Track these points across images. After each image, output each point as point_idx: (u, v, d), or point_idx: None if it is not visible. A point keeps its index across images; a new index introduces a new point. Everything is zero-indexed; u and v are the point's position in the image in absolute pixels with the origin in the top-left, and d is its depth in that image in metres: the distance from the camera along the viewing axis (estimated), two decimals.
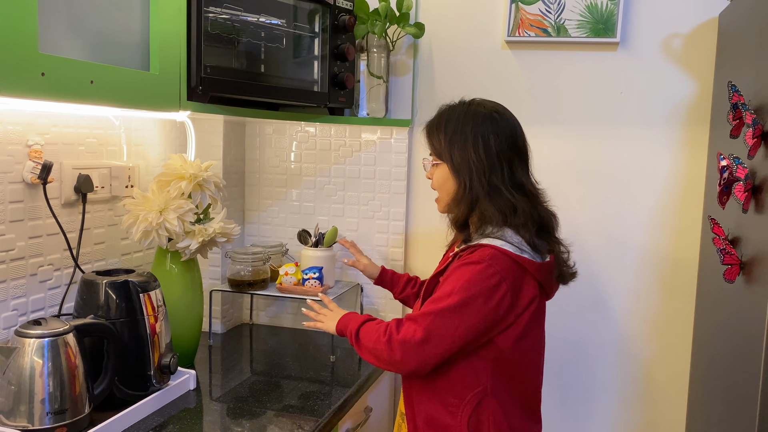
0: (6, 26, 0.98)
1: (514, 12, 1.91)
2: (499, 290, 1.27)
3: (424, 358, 1.29)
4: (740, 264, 1.30)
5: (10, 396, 1.23)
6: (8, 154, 1.38)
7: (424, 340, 1.27)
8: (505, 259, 1.28)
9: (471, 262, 1.29)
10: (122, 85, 1.24)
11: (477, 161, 1.33)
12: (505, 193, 1.32)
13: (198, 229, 1.61)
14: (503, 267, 1.28)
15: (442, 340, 1.27)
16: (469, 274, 1.27)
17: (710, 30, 1.80)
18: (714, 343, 1.59)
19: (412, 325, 1.30)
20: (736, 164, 1.27)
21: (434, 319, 1.27)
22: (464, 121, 1.37)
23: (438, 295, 1.30)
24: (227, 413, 1.50)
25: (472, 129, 1.35)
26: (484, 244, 1.31)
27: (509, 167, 1.34)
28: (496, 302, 1.27)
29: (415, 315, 1.32)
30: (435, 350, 1.28)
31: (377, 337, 1.34)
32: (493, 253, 1.28)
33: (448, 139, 1.37)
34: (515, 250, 1.30)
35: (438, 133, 1.39)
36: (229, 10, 1.50)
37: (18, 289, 1.43)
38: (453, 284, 1.29)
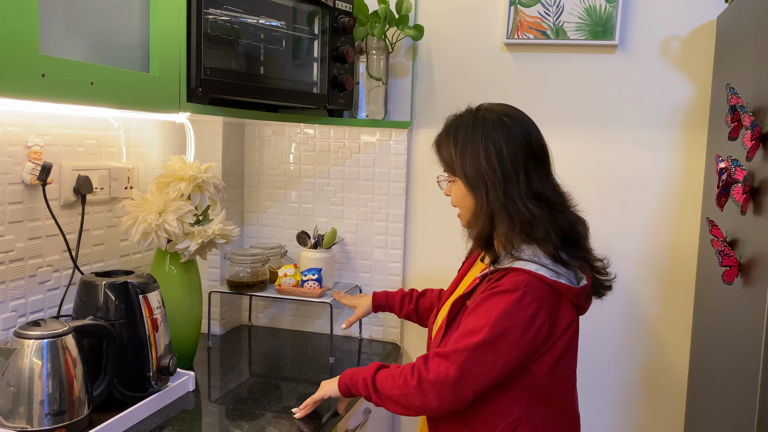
0: (7, 27, 0.98)
1: (513, 14, 1.91)
2: (537, 320, 1.18)
3: (461, 398, 1.19)
4: (738, 266, 1.30)
5: (9, 397, 1.23)
6: (8, 155, 1.38)
7: (459, 378, 1.17)
8: (541, 285, 1.20)
9: (504, 291, 1.19)
10: (122, 86, 1.24)
11: (490, 172, 1.24)
12: (519, 204, 1.23)
13: (197, 231, 1.61)
14: (539, 294, 1.19)
15: (479, 377, 1.18)
16: (504, 304, 1.18)
17: (708, 33, 1.81)
18: (712, 344, 1.60)
19: (443, 363, 1.19)
20: (735, 166, 1.27)
21: (469, 355, 1.17)
22: (473, 130, 1.28)
23: (470, 328, 1.20)
24: (226, 415, 1.50)
25: (483, 138, 1.26)
26: (516, 269, 1.22)
27: (525, 175, 1.25)
28: (534, 333, 1.18)
29: (445, 351, 1.20)
30: (471, 387, 1.19)
31: (403, 381, 1.22)
32: (529, 280, 1.19)
33: (459, 151, 1.28)
34: (551, 275, 1.21)
35: (448, 146, 1.31)
36: (229, 12, 1.50)
37: (17, 290, 1.43)
38: (486, 316, 1.19)
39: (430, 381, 1.19)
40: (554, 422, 1.30)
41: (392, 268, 2.10)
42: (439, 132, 1.36)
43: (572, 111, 1.94)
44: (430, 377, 1.19)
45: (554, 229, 1.24)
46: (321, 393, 1.41)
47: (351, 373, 1.35)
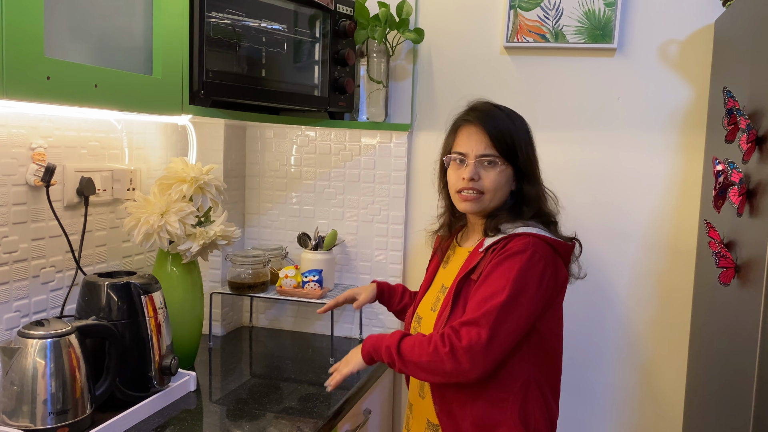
0: (13, 31, 0.99)
1: (513, 18, 1.93)
2: (546, 274, 1.29)
3: (491, 359, 1.25)
4: (735, 267, 1.31)
5: (13, 396, 1.24)
6: (12, 157, 1.39)
7: (490, 339, 1.23)
8: (543, 245, 1.31)
9: (515, 253, 1.29)
10: (126, 88, 1.25)
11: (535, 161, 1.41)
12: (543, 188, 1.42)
13: (199, 232, 1.63)
14: (544, 252, 1.30)
15: (507, 336, 1.25)
16: (519, 263, 1.27)
17: (706, 36, 1.82)
18: (710, 345, 1.61)
19: (473, 329, 1.25)
20: (731, 169, 1.28)
21: (498, 315, 1.24)
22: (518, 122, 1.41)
23: (491, 291, 1.27)
24: (227, 415, 1.51)
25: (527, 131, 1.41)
26: (519, 234, 1.33)
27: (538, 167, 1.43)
28: (545, 287, 1.29)
29: (472, 318, 1.26)
30: (500, 347, 1.25)
31: (434, 348, 1.27)
32: (535, 241, 1.30)
33: (521, 141, 1.39)
34: (551, 235, 1.34)
35: (509, 134, 1.38)
36: (231, 16, 1.52)
37: (20, 290, 1.44)
38: (505, 276, 1.27)
39: (463, 347, 1.24)
40: (554, 380, 1.40)
41: (392, 270, 2.11)
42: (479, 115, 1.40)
43: (571, 114, 1.96)
44: (463, 344, 1.24)
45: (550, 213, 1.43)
46: (349, 368, 1.41)
47: (374, 340, 1.38)
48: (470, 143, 1.39)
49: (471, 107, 1.44)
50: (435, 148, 2.05)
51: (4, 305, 1.41)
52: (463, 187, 1.39)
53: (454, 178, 1.41)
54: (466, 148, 1.39)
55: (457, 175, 1.40)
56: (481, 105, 1.44)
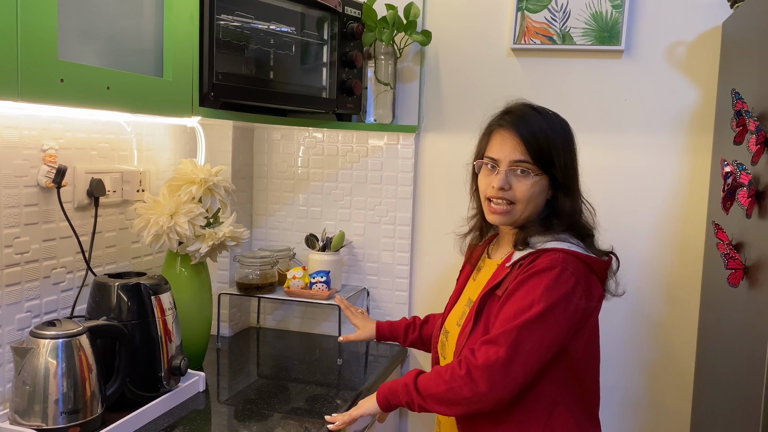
0: (28, 34, 1.00)
1: (520, 20, 1.93)
2: (576, 293, 1.21)
3: (512, 381, 1.17)
4: (744, 268, 1.31)
5: (25, 396, 1.25)
6: (24, 159, 1.40)
7: (509, 358, 1.16)
8: (575, 261, 1.23)
9: (543, 269, 1.21)
10: (137, 91, 1.26)
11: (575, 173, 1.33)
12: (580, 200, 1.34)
13: (208, 233, 1.63)
14: (576, 269, 1.22)
15: (529, 356, 1.17)
16: (546, 281, 1.20)
17: (714, 38, 1.82)
18: (718, 346, 1.61)
19: (491, 348, 1.18)
20: (740, 170, 1.28)
21: (517, 335, 1.17)
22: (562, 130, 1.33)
23: (514, 309, 1.20)
24: (235, 415, 1.52)
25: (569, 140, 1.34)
26: (548, 249, 1.25)
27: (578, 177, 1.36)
28: (574, 306, 1.21)
29: (491, 336, 1.20)
30: (522, 369, 1.17)
31: (450, 375, 1.20)
32: (564, 257, 1.22)
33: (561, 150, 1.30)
34: (583, 251, 1.26)
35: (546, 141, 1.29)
36: (240, 18, 1.53)
37: (32, 291, 1.45)
38: (530, 295, 1.19)
39: (478, 367, 1.17)
40: (585, 400, 1.32)
41: (399, 271, 2.11)
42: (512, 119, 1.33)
43: (578, 116, 1.95)
44: (478, 363, 1.17)
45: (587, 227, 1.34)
46: (359, 411, 1.37)
47: (389, 385, 1.33)
48: (503, 149, 1.31)
49: (506, 109, 1.36)
50: (442, 150, 2.07)
51: (15, 305, 1.42)
52: (493, 195, 1.32)
53: (485, 184, 1.34)
54: (499, 153, 1.31)
55: (488, 181, 1.33)
56: (517, 107, 1.35)
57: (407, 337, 1.68)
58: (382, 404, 1.33)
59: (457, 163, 2.05)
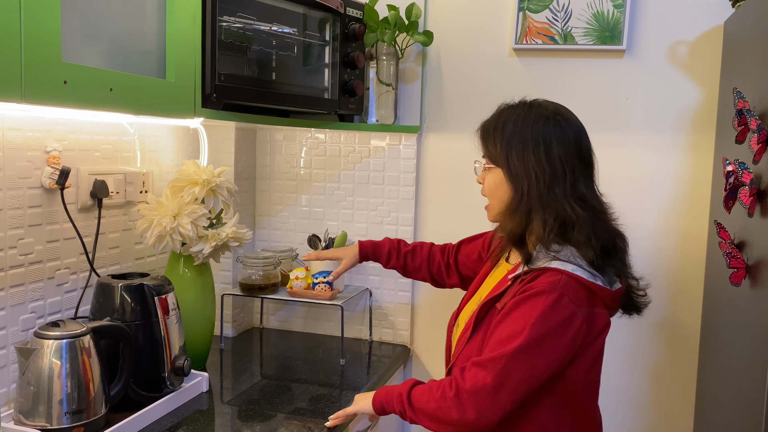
0: (31, 36, 1.01)
1: (522, 20, 1.93)
2: (575, 322, 1.15)
3: (500, 409, 1.14)
4: (746, 267, 1.31)
5: (29, 396, 1.26)
6: (27, 160, 1.41)
7: (497, 386, 1.13)
8: (577, 286, 1.16)
9: (540, 292, 1.15)
10: (140, 92, 1.27)
11: (537, 167, 1.21)
12: (565, 204, 1.20)
13: (211, 234, 1.64)
14: (576, 296, 1.15)
15: (518, 385, 1.14)
16: (541, 306, 1.14)
17: (715, 37, 1.82)
18: (721, 346, 1.61)
19: (480, 372, 1.15)
20: (742, 169, 1.28)
21: (507, 362, 1.13)
22: (524, 122, 1.26)
23: (507, 334, 1.16)
24: (239, 416, 1.53)
25: (533, 132, 1.24)
26: (552, 269, 1.18)
27: (572, 176, 1.23)
28: (572, 335, 1.15)
29: (482, 360, 1.16)
30: (510, 397, 1.14)
31: (441, 393, 1.18)
32: (566, 281, 1.15)
33: (506, 141, 1.25)
34: (588, 276, 1.17)
35: (495, 134, 1.28)
36: (243, 20, 1.53)
37: (36, 292, 1.46)
38: (523, 320, 1.14)
39: (467, 391, 1.15)
40: (580, 425, 1.28)
41: None
42: (486, 118, 1.34)
43: (580, 115, 1.93)
44: (466, 386, 1.15)
45: (596, 236, 1.20)
46: (355, 408, 1.38)
47: (386, 390, 1.32)
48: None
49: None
50: (444, 150, 2.07)
51: (19, 306, 1.42)
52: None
53: None
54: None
55: None
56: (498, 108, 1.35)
57: (390, 260, 1.69)
58: (377, 408, 1.32)
59: (460, 163, 2.05)
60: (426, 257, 1.69)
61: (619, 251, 1.26)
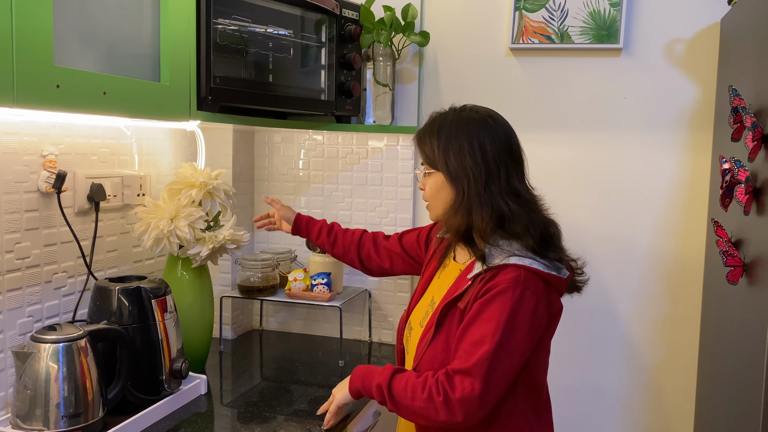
0: (23, 41, 1.01)
1: (518, 19, 1.93)
2: (538, 312, 1.23)
3: (486, 408, 1.21)
4: (743, 266, 1.31)
5: (27, 400, 1.26)
6: (24, 164, 1.41)
7: (484, 389, 1.19)
8: (535, 278, 1.23)
9: (505, 290, 1.21)
10: (134, 95, 1.27)
11: (474, 167, 1.28)
12: (499, 200, 1.27)
13: (208, 236, 1.64)
14: (536, 288, 1.23)
15: (499, 382, 1.20)
16: (508, 303, 1.20)
17: (712, 35, 1.82)
18: (720, 345, 1.60)
19: (466, 379, 1.20)
20: (738, 167, 1.28)
21: (489, 364, 1.19)
22: (458, 126, 1.32)
23: (480, 335, 1.21)
24: (238, 418, 1.53)
25: (467, 134, 1.30)
26: (510, 265, 1.24)
27: (506, 173, 1.30)
28: (537, 325, 1.23)
29: (465, 367, 1.20)
30: (495, 394, 1.21)
31: (428, 395, 1.22)
32: (525, 275, 1.23)
33: (442, 145, 1.32)
34: (543, 268, 1.25)
35: (431, 140, 1.34)
36: (238, 22, 1.53)
37: (33, 295, 1.46)
38: (495, 319, 1.20)
39: (457, 399, 1.19)
40: (537, 406, 1.34)
41: None
42: (421, 126, 1.40)
43: (578, 114, 1.96)
44: (456, 396, 1.19)
45: (533, 226, 1.28)
46: (336, 403, 1.40)
47: (362, 375, 1.34)
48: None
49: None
50: None
51: (17, 310, 1.42)
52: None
53: None
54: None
55: None
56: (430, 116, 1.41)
57: (319, 238, 1.75)
58: (354, 393, 1.36)
59: None
60: (356, 241, 1.73)
61: (554, 238, 1.32)
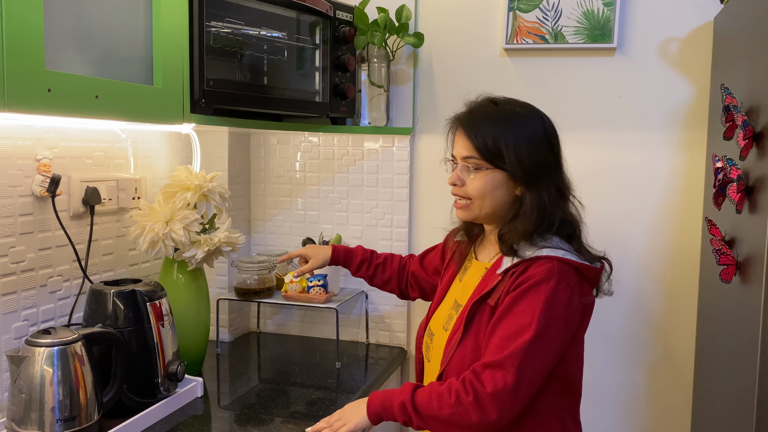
0: (13, 45, 1.01)
1: (512, 20, 1.93)
2: (573, 303, 1.19)
3: (520, 404, 1.16)
4: (736, 264, 1.31)
5: (21, 404, 1.26)
6: (18, 169, 1.42)
7: (518, 383, 1.14)
8: (569, 269, 1.20)
9: (539, 282, 1.17)
10: (126, 99, 1.27)
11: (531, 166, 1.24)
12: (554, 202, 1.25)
13: (203, 239, 1.64)
14: (571, 279, 1.20)
15: (534, 376, 1.16)
16: (543, 294, 1.16)
17: (706, 34, 1.82)
18: (715, 344, 1.60)
19: (498, 373, 1.15)
20: (730, 166, 1.28)
21: (524, 356, 1.14)
22: (513, 121, 1.27)
23: (515, 328, 1.16)
24: (235, 420, 1.53)
25: (523, 130, 1.26)
26: (542, 257, 1.21)
27: (556, 169, 1.29)
28: (572, 317, 1.20)
29: (496, 360, 1.16)
30: (528, 389, 1.16)
31: (456, 399, 1.16)
32: (559, 266, 1.19)
33: (512, 141, 1.24)
34: (577, 258, 1.22)
35: (485, 133, 1.26)
36: (231, 24, 1.53)
37: (28, 299, 1.47)
38: (530, 311, 1.16)
39: (488, 394, 1.14)
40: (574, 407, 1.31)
41: None
42: (467, 115, 1.32)
43: (572, 114, 1.96)
44: (487, 390, 1.14)
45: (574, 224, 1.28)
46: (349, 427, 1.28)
47: (381, 399, 1.27)
48: (457, 147, 1.32)
49: (466, 106, 1.36)
50: (437, 151, 2.07)
51: (12, 314, 1.43)
52: (452, 192, 1.34)
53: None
54: (455, 152, 1.33)
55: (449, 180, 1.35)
56: (473, 104, 1.35)
57: (359, 270, 1.71)
58: (374, 420, 1.28)
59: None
60: (396, 271, 1.71)
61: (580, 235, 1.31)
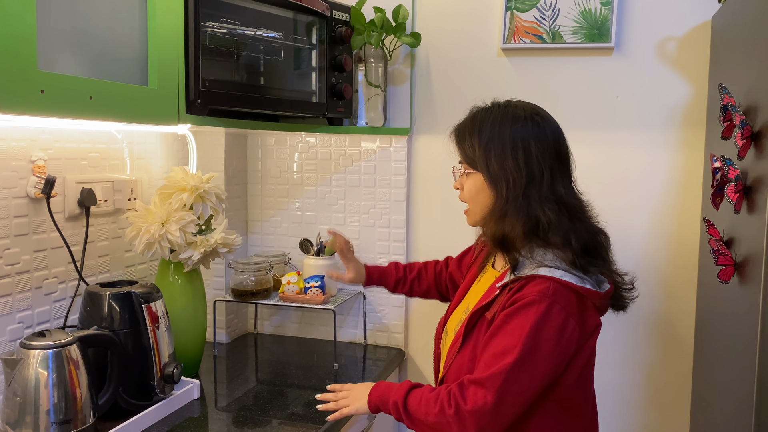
0: (5, 46, 1.01)
1: (509, 19, 1.93)
2: (567, 328, 1.15)
3: (502, 424, 1.15)
4: (734, 264, 1.30)
5: (16, 407, 1.25)
6: (12, 170, 1.41)
7: (498, 403, 1.13)
8: (567, 292, 1.16)
9: (531, 303, 1.14)
10: (121, 100, 1.26)
11: (515, 170, 1.20)
12: (537, 207, 1.19)
13: (200, 240, 1.64)
14: (567, 302, 1.15)
15: (518, 398, 1.14)
16: (533, 317, 1.13)
17: (704, 33, 1.81)
18: (714, 344, 1.60)
19: (479, 391, 1.15)
20: (728, 165, 1.27)
21: (506, 378, 1.13)
22: (502, 124, 1.24)
23: (501, 348, 1.15)
24: (232, 422, 1.52)
25: (511, 134, 1.22)
26: (540, 276, 1.17)
27: (549, 177, 1.21)
28: (566, 342, 1.15)
29: (480, 378, 1.15)
30: (511, 410, 1.15)
31: (439, 408, 1.18)
32: (555, 288, 1.15)
33: (484, 144, 1.23)
34: (577, 281, 1.17)
35: (471, 138, 1.26)
36: (227, 25, 1.53)
37: (23, 302, 1.46)
38: (517, 332, 1.13)
39: (468, 411, 1.15)
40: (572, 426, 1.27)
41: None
42: (460, 121, 1.32)
43: (570, 114, 1.95)
44: (467, 407, 1.15)
45: (575, 236, 1.19)
46: (351, 410, 1.35)
47: (381, 392, 1.31)
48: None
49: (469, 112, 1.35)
50: (435, 152, 2.07)
51: (7, 317, 1.42)
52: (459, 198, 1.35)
53: None
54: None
55: None
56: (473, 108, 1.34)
57: (396, 289, 1.72)
58: (373, 408, 1.33)
59: (450, 164, 2.04)
60: (432, 280, 1.69)
61: (601, 249, 1.25)
